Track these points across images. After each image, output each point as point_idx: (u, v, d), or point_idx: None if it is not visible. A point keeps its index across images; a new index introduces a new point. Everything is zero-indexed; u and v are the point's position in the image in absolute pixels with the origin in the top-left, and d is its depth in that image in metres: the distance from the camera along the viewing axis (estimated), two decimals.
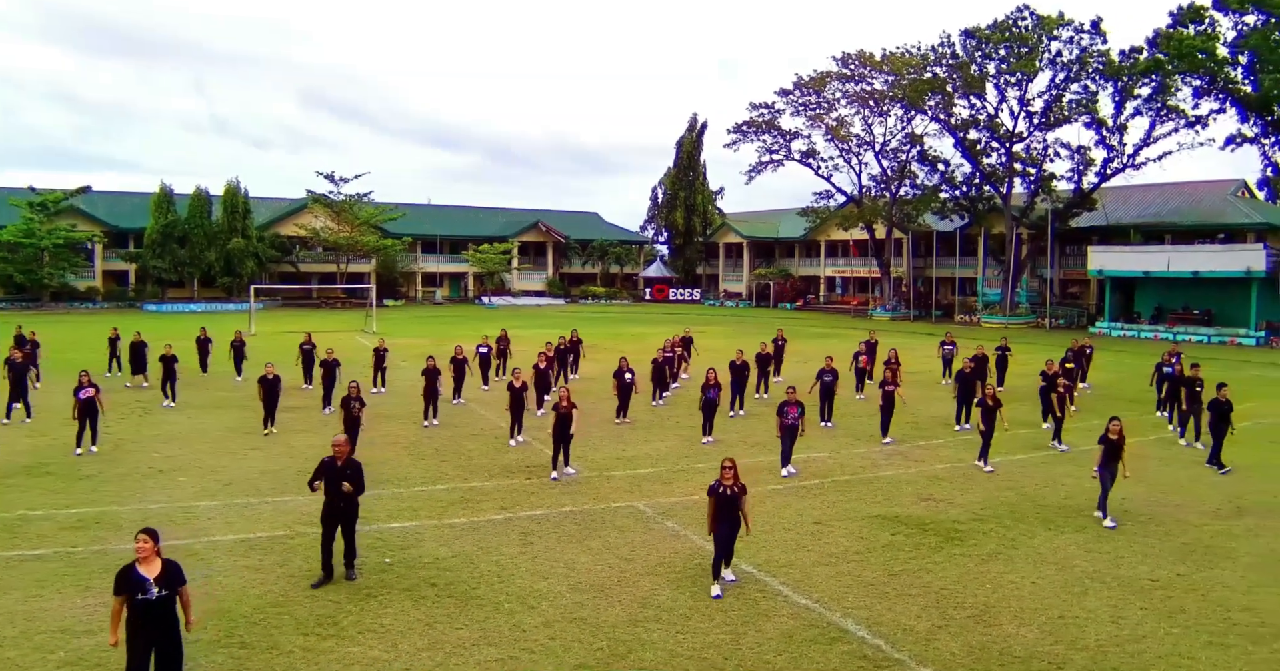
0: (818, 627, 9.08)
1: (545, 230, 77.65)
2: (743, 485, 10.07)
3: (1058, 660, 8.32)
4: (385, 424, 19.96)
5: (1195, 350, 40.48)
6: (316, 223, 64.67)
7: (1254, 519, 13.01)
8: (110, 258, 64.38)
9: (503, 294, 72.74)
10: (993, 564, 10.99)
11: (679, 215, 77.99)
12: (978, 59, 52.13)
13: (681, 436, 18.76)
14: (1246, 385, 28.51)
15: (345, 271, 66.18)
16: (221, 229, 61.81)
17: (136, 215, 63.59)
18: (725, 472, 9.92)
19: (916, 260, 64.36)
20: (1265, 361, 36.12)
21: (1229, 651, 8.49)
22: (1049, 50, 50.24)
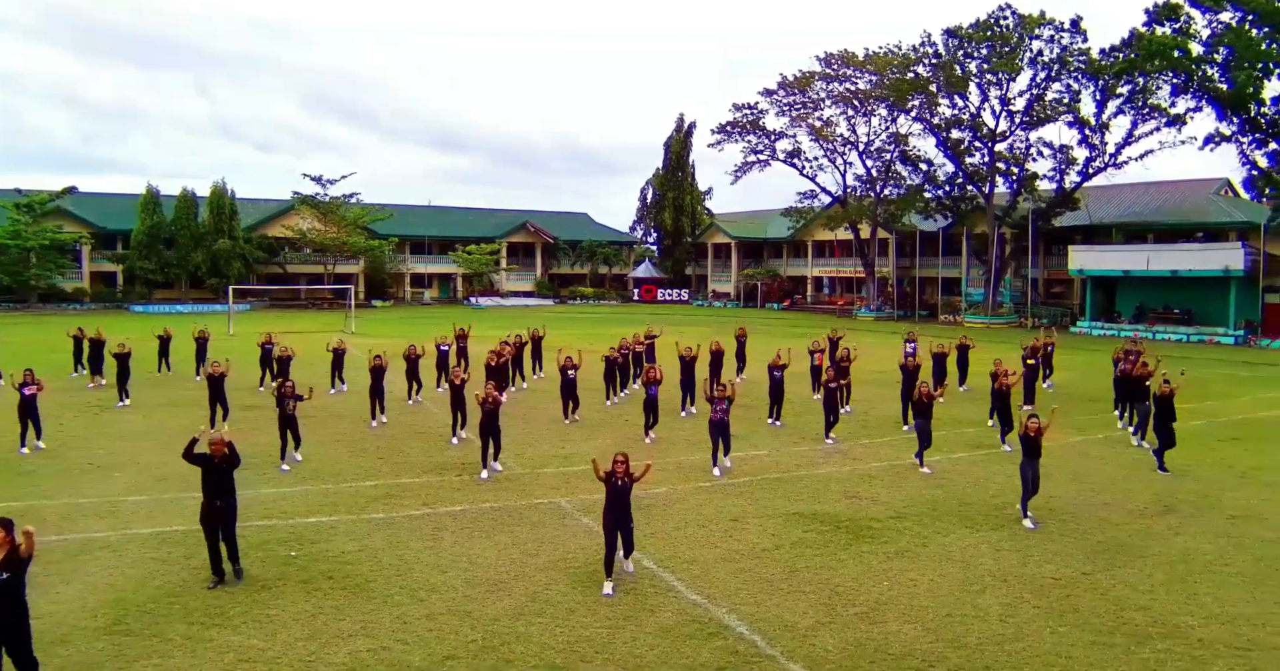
0: (699, 623, 9.10)
1: (534, 231, 77.73)
2: (634, 478, 10.12)
3: (932, 657, 8.33)
4: (337, 423, 20.06)
5: (1174, 349, 40.44)
6: (303, 224, 64.79)
7: (1178, 518, 12.96)
8: (98, 259, 64.49)
9: (491, 294, 72.80)
10: (897, 561, 11.00)
11: (667, 215, 78.06)
12: (960, 58, 52.11)
13: (625, 434, 18.78)
14: (1213, 384, 28.55)
15: (333, 272, 66.29)
16: (208, 230, 61.93)
17: (124, 216, 63.70)
18: (617, 465, 10.00)
19: (902, 260, 64.35)
20: (1237, 360, 36.07)
21: (1110, 651, 8.45)
22: (1030, 49, 50.22)
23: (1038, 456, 12.58)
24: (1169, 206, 52.84)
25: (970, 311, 54.91)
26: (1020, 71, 50.44)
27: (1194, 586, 10.12)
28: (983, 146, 53.82)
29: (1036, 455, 12.57)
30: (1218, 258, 43.61)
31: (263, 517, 12.62)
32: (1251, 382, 29.05)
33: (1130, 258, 47.21)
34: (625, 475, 10.08)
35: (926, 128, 55.20)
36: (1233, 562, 10.96)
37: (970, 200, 56.19)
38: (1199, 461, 16.86)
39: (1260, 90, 41.34)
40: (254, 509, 12.88)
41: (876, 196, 59.71)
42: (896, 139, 57.79)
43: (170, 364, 27.55)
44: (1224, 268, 43.26)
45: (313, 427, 19.36)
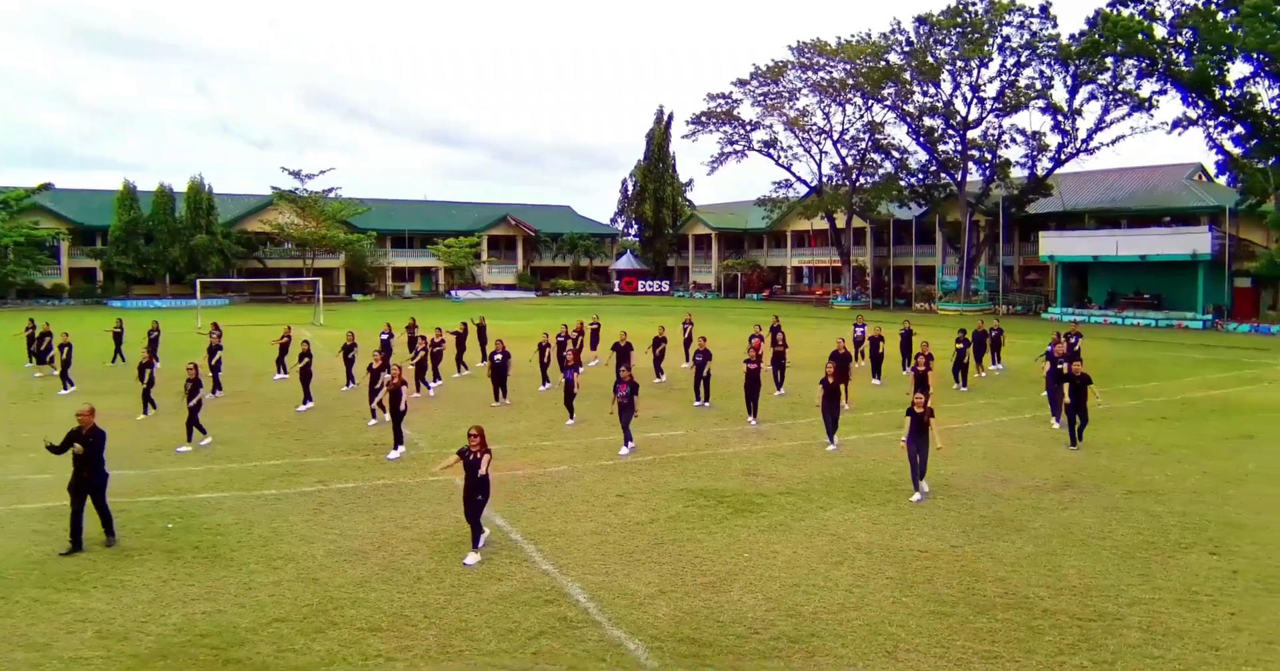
0: (539, 591, 9.13)
1: (514, 224, 77.70)
2: (488, 450, 10.20)
3: (760, 625, 8.31)
4: (271, 408, 20.27)
5: (1142, 334, 40.57)
6: (282, 218, 64.77)
7: (1073, 494, 12.88)
8: (77, 255, 64.53)
9: (471, 288, 72.80)
10: (768, 534, 11.00)
11: (648, 207, 77.98)
12: (931, 46, 51.99)
13: (548, 418, 18.83)
14: (1163, 366, 28.62)
15: (312, 267, 66.28)
16: (185, 225, 61.94)
17: (103, 213, 63.69)
18: (471, 439, 10.08)
19: (880, 249, 64.27)
20: (1197, 343, 36.09)
21: (945, 620, 8.37)
22: (1000, 35, 50.09)
23: (925, 433, 12.55)
24: (1142, 192, 52.75)
25: (944, 299, 54.86)
26: (990, 58, 50.32)
27: (1060, 559, 10.04)
28: (955, 134, 53.71)
29: (924, 431, 12.54)
30: (1185, 242, 43.55)
31: (157, 493, 12.78)
32: (1203, 365, 29.07)
33: (1099, 243, 47.15)
34: (479, 449, 10.10)
35: (898, 115, 55.09)
36: (1110, 536, 10.89)
37: (943, 188, 56.12)
38: (1119, 439, 16.86)
39: (1224, 73, 41.21)
40: (151, 485, 13.13)
41: (851, 185, 59.63)
42: (871, 127, 57.68)
43: (124, 356, 27.71)
44: (1191, 252, 43.21)
45: (244, 411, 19.71)
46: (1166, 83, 43.22)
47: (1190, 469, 14.44)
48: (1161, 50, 42.14)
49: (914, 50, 52.66)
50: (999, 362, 26.34)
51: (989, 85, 51.57)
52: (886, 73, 53.75)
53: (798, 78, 58.51)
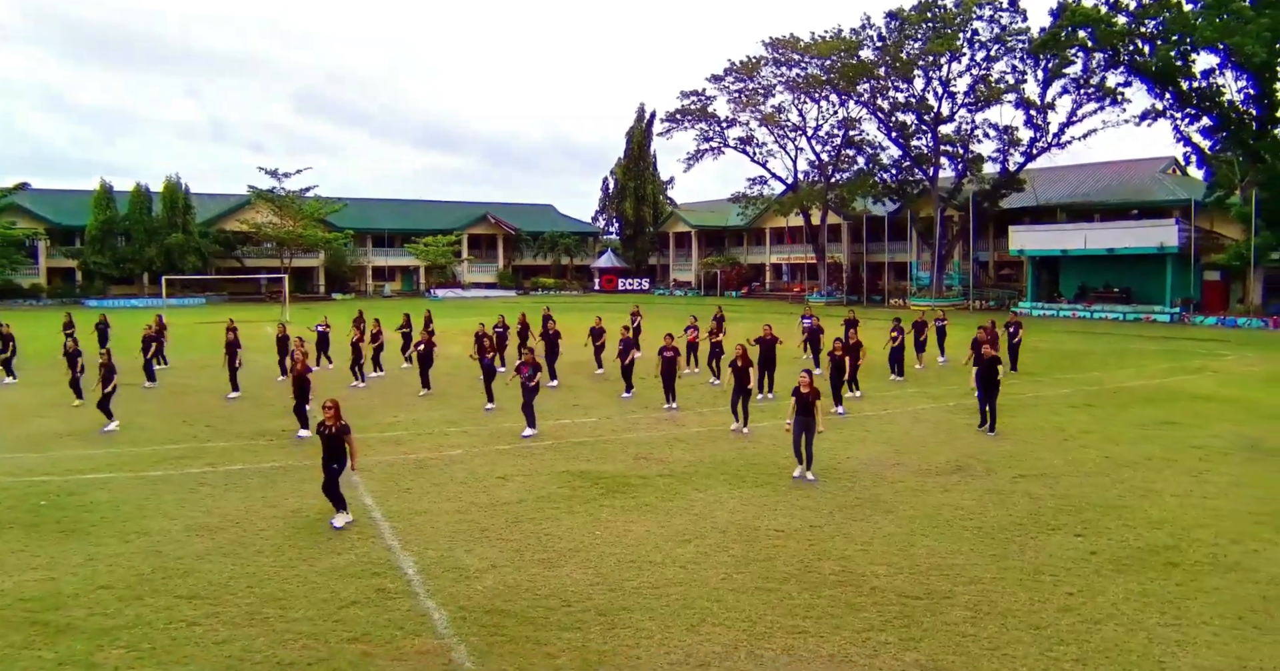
0: (371, 565, 9.09)
1: (495, 222, 77.64)
2: (345, 425, 10.22)
3: (575, 597, 8.22)
4: (198, 397, 20.40)
5: (1106, 327, 40.47)
6: (260, 218, 64.74)
7: (961, 477, 12.71)
8: (55, 255, 64.51)
9: (452, 286, 72.72)
10: (629, 514, 10.91)
11: (629, 206, 77.91)
12: (902, 40, 51.91)
13: (469, 405, 18.79)
14: (1112, 357, 28.51)
15: (290, 266, 66.22)
16: (161, 225, 61.91)
17: (82, 213, 63.67)
18: (326, 412, 10.08)
19: (856, 245, 64.16)
20: (1158, 335, 35.96)
21: (768, 596, 8.22)
22: (970, 29, 50.01)
23: (810, 414, 12.43)
24: (1115, 186, 52.63)
25: (918, 294, 54.75)
26: (961, 52, 50.23)
27: (917, 540, 9.88)
28: (928, 129, 53.61)
29: (809, 412, 12.42)
30: (1153, 235, 43.41)
31: (45, 474, 12.92)
32: (1152, 355, 28.94)
33: (1068, 237, 47.03)
34: (333, 423, 10.09)
35: (869, 111, 54.99)
36: (978, 518, 10.70)
37: (917, 184, 56.02)
38: (1034, 425, 16.75)
39: (1190, 64, 41.11)
40: (43, 466, 13.33)
41: (826, 181, 59.52)
42: (845, 123, 57.57)
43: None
44: (1159, 245, 43.07)
45: (170, 401, 19.83)
46: (1131, 75, 43.07)
47: (1092, 454, 14.31)
48: (1126, 41, 41.99)
49: (886, 46, 52.54)
50: (943, 355, 26.24)
51: (960, 80, 51.52)
52: (861, 69, 53.64)
53: (772, 74, 58.42)
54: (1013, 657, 6.96)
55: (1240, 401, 19.66)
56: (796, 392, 12.44)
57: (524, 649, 7.20)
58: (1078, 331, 37.90)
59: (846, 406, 18.09)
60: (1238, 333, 37.70)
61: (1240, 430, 16.25)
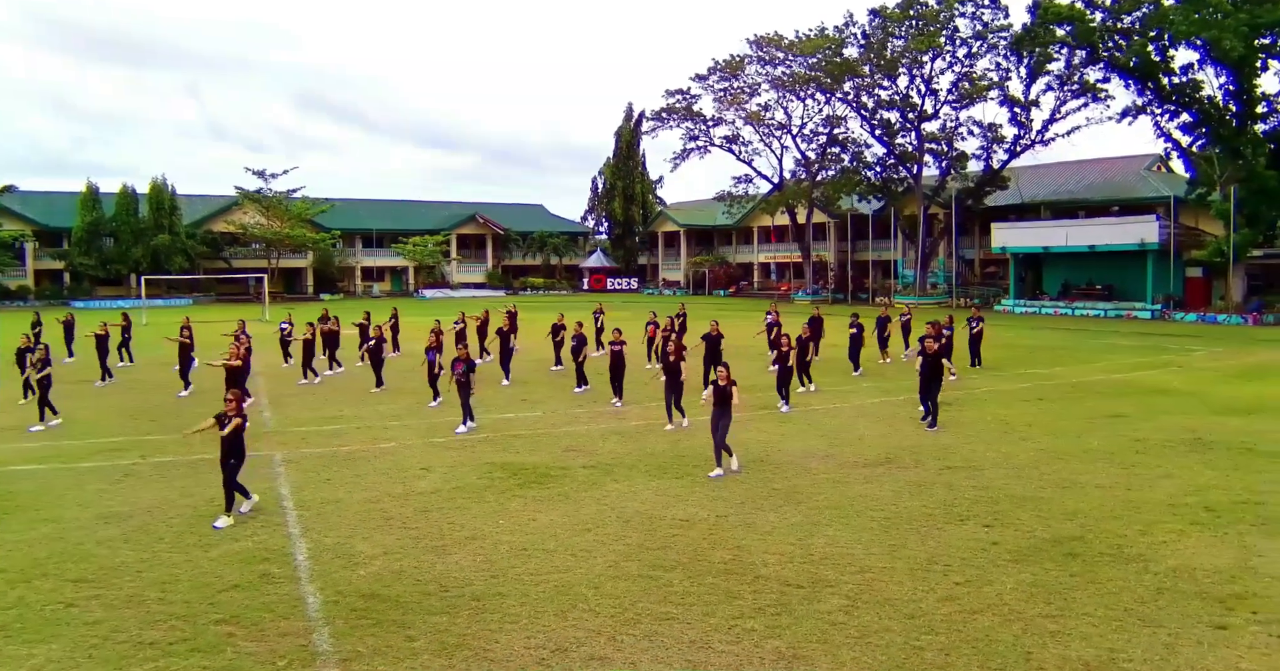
0: (264, 552, 9.11)
1: (483, 222, 77.64)
2: (244, 416, 10.24)
3: (453, 583, 8.16)
4: (148, 393, 20.39)
5: (1085, 323, 40.38)
6: (247, 218, 64.79)
7: (887, 469, 12.55)
8: (43, 257, 64.58)
9: (440, 286, 72.70)
10: (539, 504, 10.84)
11: (617, 205, 77.89)
12: (886, 39, 51.84)
13: (419, 400, 18.72)
14: (1082, 353, 28.48)
15: (277, 267, 66.26)
16: (147, 226, 61.96)
17: (69, 214, 63.75)
18: (227, 404, 10.06)
19: (844, 243, 64.08)
20: (1134, 331, 35.85)
21: (649, 583, 8.13)
22: (953, 27, 49.94)
23: (727, 405, 12.30)
24: (1100, 183, 52.54)
25: (902, 292, 54.66)
26: (943, 49, 50.14)
27: (820, 530, 9.73)
28: (912, 127, 53.53)
29: (726, 402, 12.31)
30: (1133, 231, 43.30)
31: None
32: (1123, 350, 28.86)
33: (1050, 233, 46.92)
34: (234, 413, 10.07)
35: (853, 109, 54.91)
36: (890, 508, 10.54)
37: (901, 181, 55.94)
38: (979, 419, 16.62)
39: (1168, 60, 40.98)
40: None
41: (812, 180, 59.44)
42: (830, 121, 57.50)
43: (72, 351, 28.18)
44: (1139, 241, 42.97)
45: (120, 396, 19.91)
46: (1110, 71, 42.95)
47: (1028, 446, 14.17)
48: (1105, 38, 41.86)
49: (871, 43, 52.47)
50: (908, 348, 26.15)
51: (943, 77, 51.48)
52: (845, 66, 53.55)
53: (757, 72, 58.36)
54: (875, 647, 6.85)
55: (1196, 395, 19.55)
56: (714, 385, 12.34)
57: (386, 631, 7.17)
58: (1055, 328, 37.83)
59: (797, 401, 17.96)
60: (1216, 329, 37.57)
61: (1186, 423, 16.12)
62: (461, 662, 6.65)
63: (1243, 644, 6.80)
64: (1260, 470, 12.55)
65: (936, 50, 50.10)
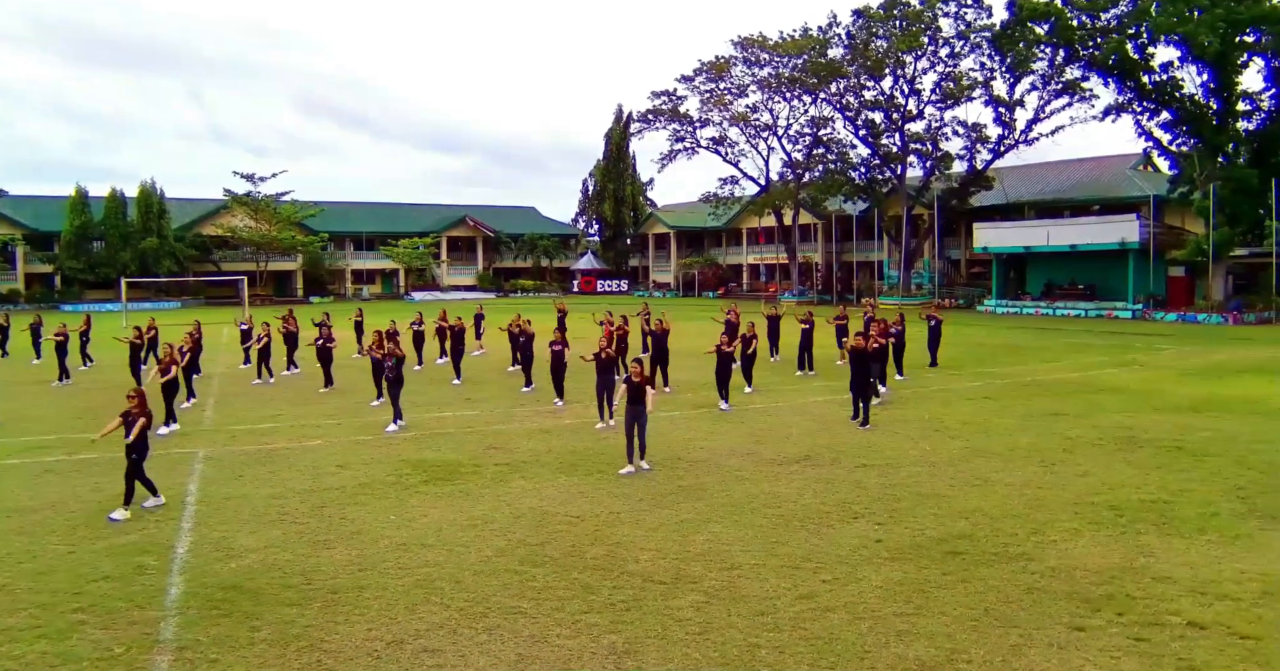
0: (149, 544, 9.22)
1: (473, 225, 77.75)
2: (149, 414, 10.29)
3: (318, 577, 8.20)
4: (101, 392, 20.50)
5: (1062, 323, 40.26)
6: (236, 221, 65.00)
7: (802, 466, 12.47)
8: (33, 260, 64.87)
9: (430, 289, 72.81)
10: (436, 500, 10.84)
11: (608, 207, 77.92)
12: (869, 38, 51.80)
13: (359, 400, 18.76)
14: (1048, 352, 28.40)
15: (266, 270, 66.43)
16: (136, 229, 62.19)
17: (59, 218, 64.06)
18: (130, 401, 10.20)
19: (831, 245, 64.00)
20: (1109, 330, 35.73)
21: (513, 577, 8.10)
22: (935, 26, 49.88)
23: (641, 402, 12.26)
24: (1085, 182, 52.41)
25: (887, 293, 54.57)
26: (925, 49, 50.07)
27: (705, 527, 9.66)
28: (896, 128, 53.46)
29: (639, 400, 12.26)
30: (1114, 231, 43.15)
31: None
32: (1089, 349, 28.78)
33: (1031, 233, 46.79)
34: (137, 412, 10.10)
35: (837, 110, 54.86)
36: (787, 506, 10.44)
37: (886, 182, 55.87)
38: (916, 417, 16.50)
39: (1148, 58, 40.85)
40: None
41: (797, 180, 59.39)
42: (815, 122, 57.45)
43: (7, 350, 28.28)
44: (1120, 241, 42.82)
45: (70, 396, 20.08)
46: (1089, 70, 42.84)
47: (954, 444, 14.07)
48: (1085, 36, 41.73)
49: (855, 44, 52.42)
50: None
51: (926, 77, 51.41)
52: (831, 68, 53.48)
53: (743, 73, 58.33)
54: (711, 643, 6.77)
55: (1147, 393, 19.44)
56: (627, 381, 12.24)
57: (235, 622, 7.22)
58: (1031, 327, 37.72)
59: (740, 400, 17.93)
60: (1194, 328, 37.41)
61: (1126, 421, 16.01)
62: (294, 653, 6.67)
63: (1095, 647, 6.65)
64: (1183, 469, 12.39)
65: (920, 50, 50.01)
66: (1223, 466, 12.46)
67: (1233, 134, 40.50)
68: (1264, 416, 16.48)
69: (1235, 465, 12.59)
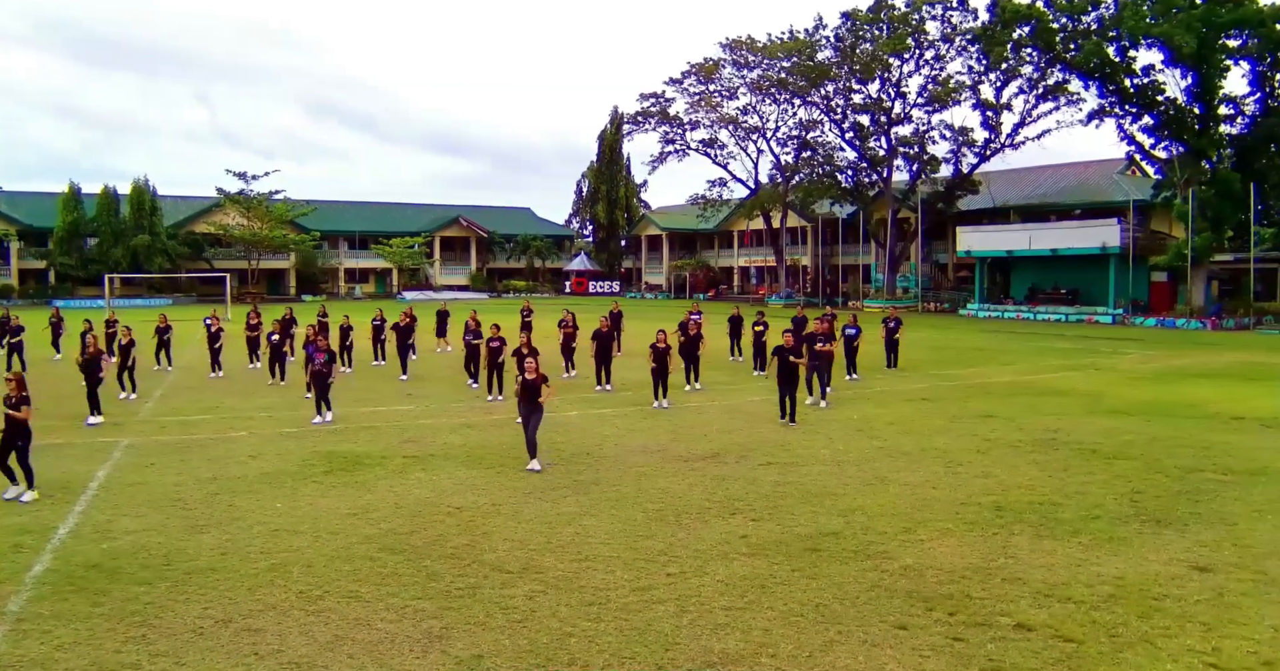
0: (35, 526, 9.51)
1: (466, 225, 78.11)
2: (25, 397, 10.49)
3: (181, 559, 8.41)
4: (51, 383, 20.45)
5: (1046, 328, 40.25)
6: (229, 220, 65.51)
7: (707, 464, 12.51)
8: (27, 256, 65.50)
9: (421, 288, 73.17)
10: (332, 490, 11.02)
11: (601, 209, 78.20)
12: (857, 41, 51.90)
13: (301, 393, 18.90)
14: (1008, 355, 28.50)
15: (257, 268, 66.90)
16: (128, 226, 62.74)
17: (54, 214, 64.71)
18: (9, 384, 10.46)
19: (821, 248, 64.07)
20: (1081, 335, 35.74)
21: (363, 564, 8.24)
22: (923, 30, 49.95)
23: (537, 399, 12.33)
24: (1071, 187, 52.39)
25: (872, 296, 54.64)
26: (912, 51, 50.14)
27: (580, 521, 9.74)
28: (883, 131, 53.54)
29: (535, 398, 12.32)
30: (1096, 235, 43.14)
31: None
32: (1051, 353, 28.87)
33: (1013, 237, 46.83)
34: (16, 397, 10.32)
35: (824, 112, 54.96)
36: (670, 501, 10.51)
37: (872, 186, 55.95)
38: (845, 417, 16.52)
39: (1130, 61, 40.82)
40: None
41: (785, 183, 59.51)
42: (803, 125, 57.60)
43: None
44: (1101, 245, 42.80)
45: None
46: (1069, 73, 42.83)
47: (869, 444, 14.09)
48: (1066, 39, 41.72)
49: (843, 47, 52.52)
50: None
51: (911, 80, 51.46)
52: (820, 71, 53.57)
53: (732, 75, 58.49)
54: (526, 630, 6.82)
55: (1090, 396, 19.44)
56: (521, 378, 12.19)
57: (82, 598, 7.43)
58: (1005, 331, 37.73)
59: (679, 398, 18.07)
60: (1170, 333, 37.38)
61: (1055, 424, 15.97)
62: (124, 628, 6.88)
63: (908, 645, 6.58)
64: (1089, 472, 12.30)
65: (906, 53, 50.08)
66: (1130, 469, 12.41)
67: (1215, 138, 40.42)
68: (1196, 420, 16.47)
69: (1145, 469, 12.52)
